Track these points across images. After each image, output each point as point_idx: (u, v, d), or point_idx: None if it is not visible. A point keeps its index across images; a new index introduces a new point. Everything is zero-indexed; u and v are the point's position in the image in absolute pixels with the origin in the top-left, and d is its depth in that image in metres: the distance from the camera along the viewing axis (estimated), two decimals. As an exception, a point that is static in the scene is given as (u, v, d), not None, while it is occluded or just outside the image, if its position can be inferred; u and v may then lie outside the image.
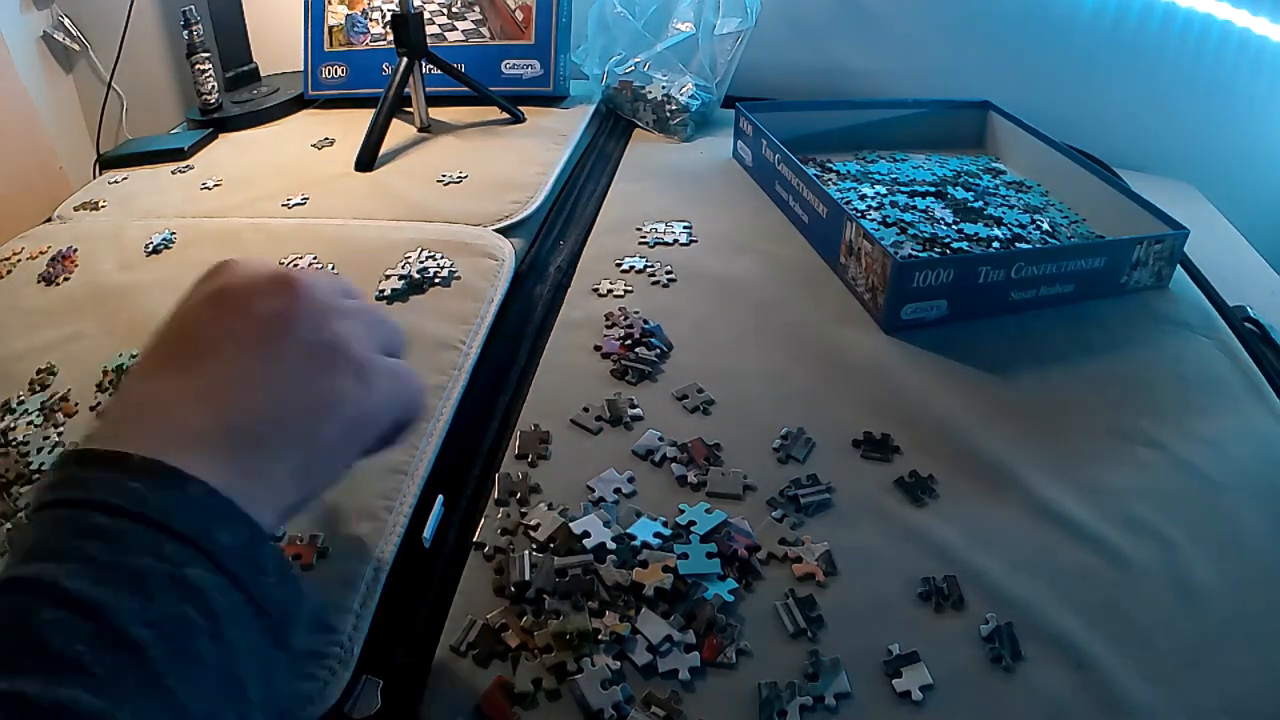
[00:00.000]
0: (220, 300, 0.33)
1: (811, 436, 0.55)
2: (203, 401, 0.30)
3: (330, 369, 0.32)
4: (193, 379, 0.30)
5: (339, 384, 0.32)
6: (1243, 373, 0.62)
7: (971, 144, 0.98)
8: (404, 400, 0.36)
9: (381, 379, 0.34)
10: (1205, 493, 0.52)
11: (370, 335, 0.35)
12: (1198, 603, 0.45)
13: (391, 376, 0.35)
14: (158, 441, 0.28)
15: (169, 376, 0.31)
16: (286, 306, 0.32)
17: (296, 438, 0.31)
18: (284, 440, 0.31)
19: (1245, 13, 0.99)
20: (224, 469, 0.28)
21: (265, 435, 0.30)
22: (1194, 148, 1.05)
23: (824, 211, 0.73)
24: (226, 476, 0.28)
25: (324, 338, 0.33)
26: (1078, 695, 0.41)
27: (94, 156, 1.09)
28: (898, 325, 0.65)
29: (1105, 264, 0.68)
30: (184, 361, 0.31)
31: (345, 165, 0.89)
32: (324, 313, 0.33)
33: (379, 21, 1.05)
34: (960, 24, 1.07)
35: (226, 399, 0.30)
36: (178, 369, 0.31)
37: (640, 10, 1.03)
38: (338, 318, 0.34)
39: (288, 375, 0.31)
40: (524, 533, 0.48)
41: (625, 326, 0.64)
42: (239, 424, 0.30)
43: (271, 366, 0.31)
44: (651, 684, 0.40)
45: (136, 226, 0.79)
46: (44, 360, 0.63)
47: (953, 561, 0.47)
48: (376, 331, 0.36)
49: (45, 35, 1.12)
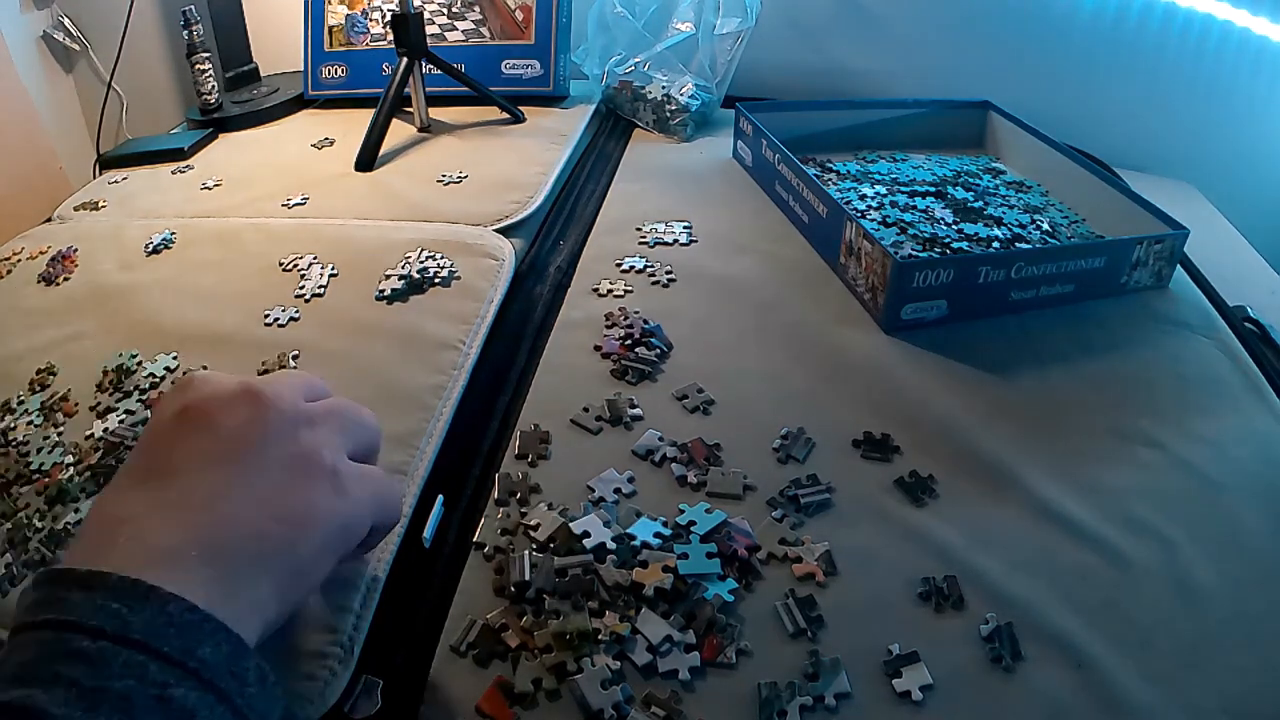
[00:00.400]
0: (187, 417, 0.33)
1: (811, 436, 0.55)
2: (176, 519, 0.30)
3: (304, 481, 0.33)
4: (166, 494, 0.31)
5: (314, 496, 0.33)
6: (1243, 373, 0.62)
7: (971, 144, 0.98)
8: (381, 506, 0.36)
9: (356, 487, 0.35)
10: (1205, 493, 0.52)
11: (343, 439, 0.36)
12: (1198, 603, 0.45)
13: (367, 483, 0.35)
14: (134, 560, 0.28)
15: (141, 495, 0.31)
16: (254, 420, 0.33)
17: (275, 552, 0.31)
18: (262, 555, 0.31)
19: (1245, 13, 0.99)
20: (202, 586, 0.28)
21: (242, 551, 0.30)
22: (1194, 148, 1.05)
23: (824, 211, 0.73)
24: (205, 594, 0.28)
25: (295, 449, 0.33)
26: (1078, 695, 0.40)
27: (94, 156, 1.09)
28: (898, 325, 0.65)
29: (1105, 264, 0.68)
30: (156, 480, 0.31)
31: (345, 165, 0.89)
32: (293, 423, 0.34)
33: (379, 21, 1.05)
34: (960, 24, 1.07)
35: (200, 516, 0.30)
36: (149, 487, 0.31)
37: (640, 10, 1.03)
38: (307, 426, 0.34)
39: (261, 490, 0.32)
40: (524, 533, 0.48)
41: (625, 326, 0.64)
42: (214, 540, 0.30)
43: (243, 482, 0.31)
44: (651, 684, 0.40)
45: (136, 226, 0.79)
46: (44, 360, 0.63)
47: (953, 561, 0.47)
48: (349, 434, 0.36)
49: (45, 35, 1.12)
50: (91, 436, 0.55)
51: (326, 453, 0.34)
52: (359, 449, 0.37)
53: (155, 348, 0.62)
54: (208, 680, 0.27)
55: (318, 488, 0.33)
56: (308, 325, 0.64)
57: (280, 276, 0.70)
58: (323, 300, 0.67)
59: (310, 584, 0.33)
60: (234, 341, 0.62)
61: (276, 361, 0.60)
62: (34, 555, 0.48)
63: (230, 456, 0.32)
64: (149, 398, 0.58)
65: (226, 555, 0.30)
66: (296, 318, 0.65)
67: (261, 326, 0.64)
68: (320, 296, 0.67)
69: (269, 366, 0.59)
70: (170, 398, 0.34)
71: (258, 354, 0.61)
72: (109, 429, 0.56)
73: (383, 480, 0.37)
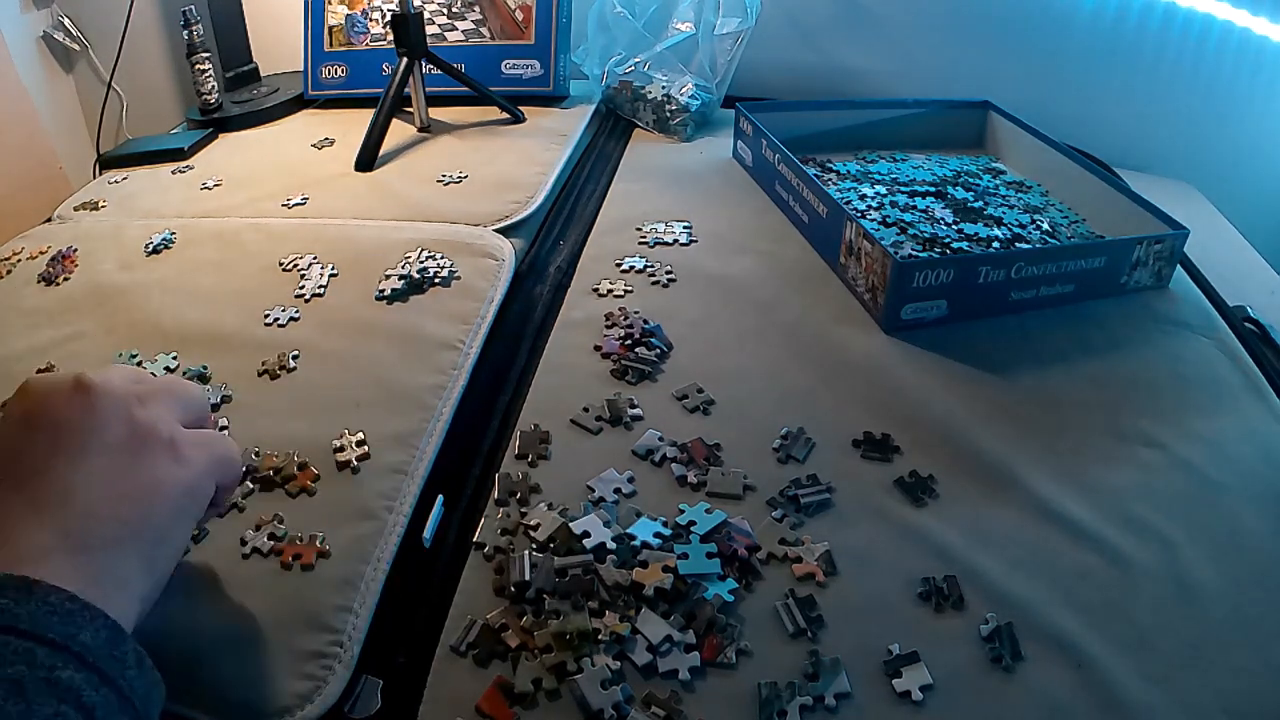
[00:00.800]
0: (26, 420, 0.35)
1: (811, 436, 0.55)
2: (36, 518, 0.32)
3: (144, 454, 0.35)
4: (23, 495, 0.33)
5: (156, 469, 0.35)
6: (1242, 373, 0.62)
7: (971, 144, 0.98)
8: (220, 467, 0.39)
9: (194, 451, 0.37)
10: (1205, 493, 0.52)
11: (174, 411, 0.38)
12: (1197, 603, 0.45)
13: (203, 447, 0.38)
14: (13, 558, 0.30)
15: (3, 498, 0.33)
16: (88, 408, 0.35)
17: (133, 531, 0.33)
18: (120, 535, 0.33)
19: (1245, 13, 0.99)
20: (74, 575, 0.31)
21: (102, 534, 0.33)
22: (1194, 148, 1.05)
23: (824, 211, 0.73)
24: (80, 582, 0.30)
25: (131, 427, 0.35)
26: (1077, 695, 0.41)
27: (94, 156, 1.09)
28: (898, 325, 0.65)
29: (1105, 264, 0.68)
30: (11, 482, 0.33)
31: (345, 165, 0.89)
32: (124, 402, 0.36)
33: (379, 21, 1.05)
34: (960, 24, 1.07)
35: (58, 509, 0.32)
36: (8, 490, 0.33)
37: (640, 10, 1.03)
38: (138, 404, 0.36)
39: (107, 473, 0.34)
40: (524, 533, 0.48)
41: (625, 326, 0.64)
42: (74, 532, 0.32)
43: (89, 468, 0.34)
44: (651, 684, 0.40)
45: (136, 226, 0.79)
46: (44, 360, 0.62)
47: (953, 561, 0.47)
48: (179, 405, 0.39)
49: (45, 35, 1.12)
50: (91, 436, 0.55)
51: (162, 426, 0.36)
52: (191, 416, 0.39)
53: (155, 348, 0.62)
54: (91, 663, 0.29)
55: (159, 460, 0.35)
56: (308, 325, 0.64)
57: (280, 276, 0.70)
58: (323, 300, 0.67)
59: (173, 551, 0.36)
60: (234, 341, 0.62)
61: (276, 361, 0.60)
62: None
63: (72, 449, 0.34)
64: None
65: (88, 544, 0.32)
66: (296, 318, 0.65)
67: (261, 326, 0.64)
68: (320, 296, 0.67)
69: (269, 367, 0.60)
70: (13, 404, 0.36)
71: (258, 354, 0.61)
72: (109, 429, 0.56)
73: (218, 440, 0.39)
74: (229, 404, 0.57)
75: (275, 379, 0.59)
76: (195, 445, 0.37)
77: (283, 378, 0.59)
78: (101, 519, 0.33)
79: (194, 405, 0.40)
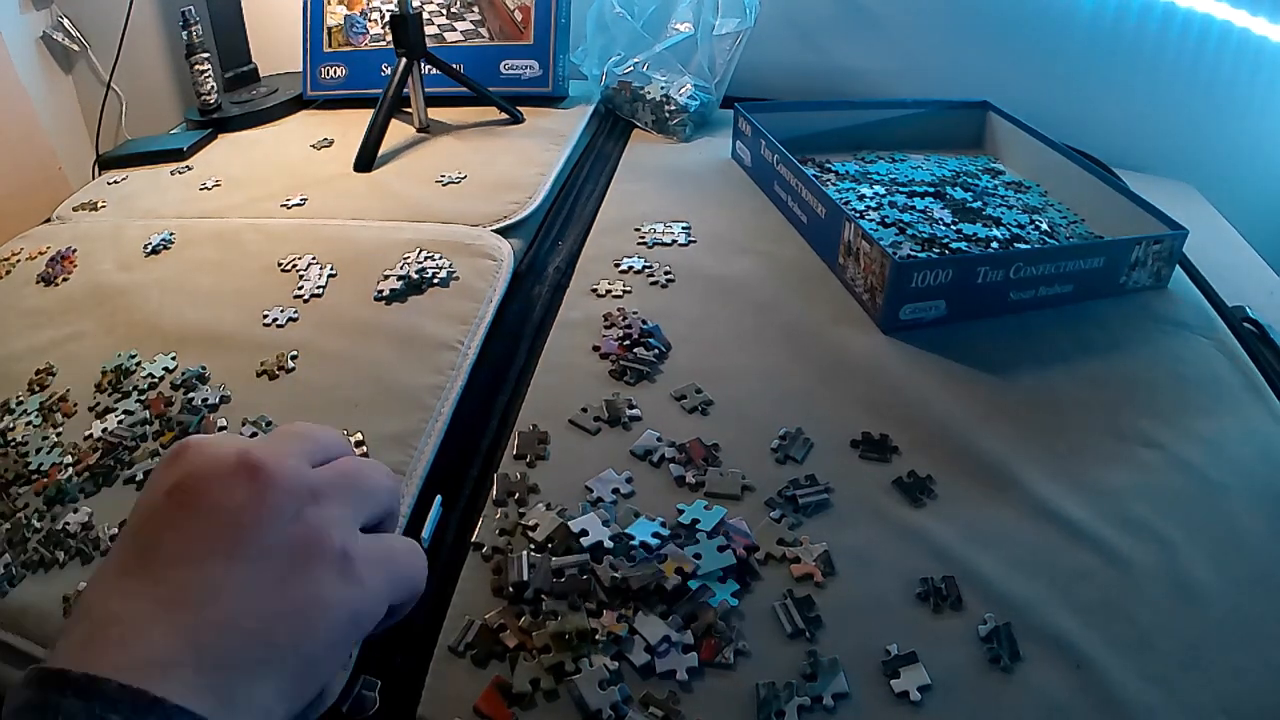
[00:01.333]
0: (179, 497, 0.29)
1: (810, 437, 0.55)
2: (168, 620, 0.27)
3: (310, 566, 0.29)
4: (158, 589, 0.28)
5: (322, 586, 0.29)
6: (1242, 373, 0.62)
7: (970, 144, 0.98)
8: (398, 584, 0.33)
9: (369, 570, 0.31)
10: (1204, 493, 0.52)
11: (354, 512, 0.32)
12: (1197, 603, 0.45)
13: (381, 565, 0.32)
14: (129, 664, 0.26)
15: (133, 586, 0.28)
16: (253, 500, 0.29)
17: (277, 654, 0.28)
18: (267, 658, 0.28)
19: (1245, 13, 0.99)
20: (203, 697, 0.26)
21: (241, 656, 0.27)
22: (1194, 148, 1.05)
23: (823, 212, 0.73)
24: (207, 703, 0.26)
25: (299, 530, 0.30)
26: (1076, 695, 0.40)
27: (93, 157, 1.09)
28: (896, 325, 0.65)
29: (1104, 264, 0.68)
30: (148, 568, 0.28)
31: (344, 165, 0.89)
32: (297, 499, 0.30)
33: (378, 22, 1.05)
34: (960, 24, 1.07)
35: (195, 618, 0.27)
36: (141, 577, 0.28)
37: (639, 10, 1.03)
38: (312, 503, 0.31)
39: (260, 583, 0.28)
40: (522, 533, 0.48)
41: (624, 327, 0.64)
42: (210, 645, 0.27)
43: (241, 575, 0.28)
44: (649, 684, 0.40)
45: (136, 227, 0.79)
46: (43, 360, 0.63)
47: (951, 561, 0.47)
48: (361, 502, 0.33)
49: (45, 35, 1.12)
50: (90, 437, 0.55)
51: (335, 532, 0.30)
52: (373, 516, 0.33)
53: (154, 348, 0.62)
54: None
55: (324, 575, 0.30)
56: (306, 325, 0.64)
57: (279, 277, 0.70)
58: (321, 300, 0.67)
59: (321, 677, 0.30)
60: (233, 341, 0.63)
61: (275, 362, 0.60)
62: (33, 555, 0.48)
63: (226, 545, 0.29)
64: (148, 398, 0.58)
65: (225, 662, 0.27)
66: (295, 318, 0.65)
67: (260, 327, 0.64)
68: (319, 297, 0.67)
69: (268, 367, 0.60)
70: (162, 471, 0.30)
71: (257, 354, 0.61)
72: (108, 429, 0.56)
73: (400, 552, 0.33)
74: (228, 404, 0.57)
75: (274, 379, 0.59)
76: (372, 562, 0.31)
77: (281, 378, 0.59)
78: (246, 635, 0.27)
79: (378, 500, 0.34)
